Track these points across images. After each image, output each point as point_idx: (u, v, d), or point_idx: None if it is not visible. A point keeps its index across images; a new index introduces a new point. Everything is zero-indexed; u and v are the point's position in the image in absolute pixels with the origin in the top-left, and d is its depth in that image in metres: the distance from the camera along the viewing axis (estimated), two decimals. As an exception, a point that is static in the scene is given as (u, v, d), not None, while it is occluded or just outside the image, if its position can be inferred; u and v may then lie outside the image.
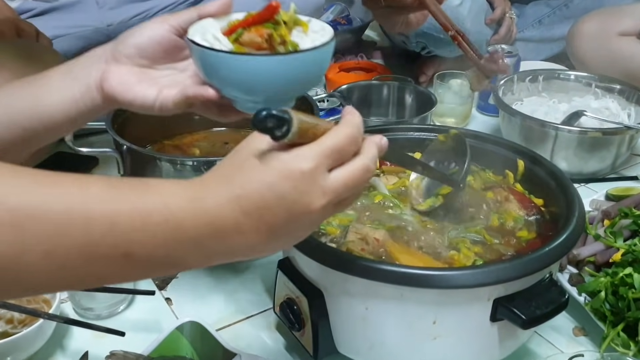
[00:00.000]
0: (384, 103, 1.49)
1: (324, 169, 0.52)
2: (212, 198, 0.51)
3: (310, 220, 0.53)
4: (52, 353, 0.85)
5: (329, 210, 0.54)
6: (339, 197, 0.53)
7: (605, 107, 1.37)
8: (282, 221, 0.52)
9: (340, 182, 0.53)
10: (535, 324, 0.71)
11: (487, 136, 0.97)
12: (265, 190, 0.51)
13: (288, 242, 0.56)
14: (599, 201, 1.10)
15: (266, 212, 0.51)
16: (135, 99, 0.69)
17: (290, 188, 0.51)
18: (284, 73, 0.62)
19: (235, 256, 0.54)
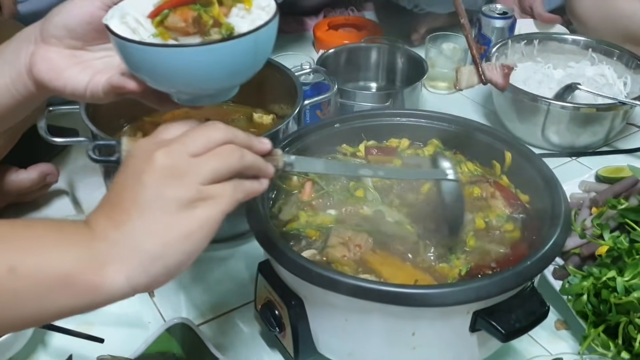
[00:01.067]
0: (373, 67, 1.44)
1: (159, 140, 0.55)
2: (91, 216, 0.54)
3: (169, 174, 0.52)
4: (32, 352, 0.85)
5: (185, 160, 0.53)
6: (184, 144, 0.53)
7: (601, 74, 1.33)
8: (137, 187, 0.52)
9: (178, 133, 0.55)
10: (514, 337, 0.70)
11: (476, 125, 0.94)
12: (121, 178, 0.54)
13: (169, 215, 0.52)
14: (588, 183, 1.08)
15: (122, 189, 0.53)
16: (66, 86, 0.65)
17: (130, 161, 0.54)
18: (212, 64, 0.57)
19: (137, 248, 0.51)
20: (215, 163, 0.53)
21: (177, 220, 0.52)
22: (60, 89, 0.65)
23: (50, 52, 0.64)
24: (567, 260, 0.92)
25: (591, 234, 0.91)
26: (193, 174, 0.52)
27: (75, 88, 0.65)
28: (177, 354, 0.81)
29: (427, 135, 0.96)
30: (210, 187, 0.53)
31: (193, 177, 0.52)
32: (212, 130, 0.54)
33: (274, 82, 1.11)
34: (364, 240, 0.78)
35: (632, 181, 1.00)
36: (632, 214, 0.88)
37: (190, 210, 0.52)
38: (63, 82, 0.64)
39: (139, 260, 0.51)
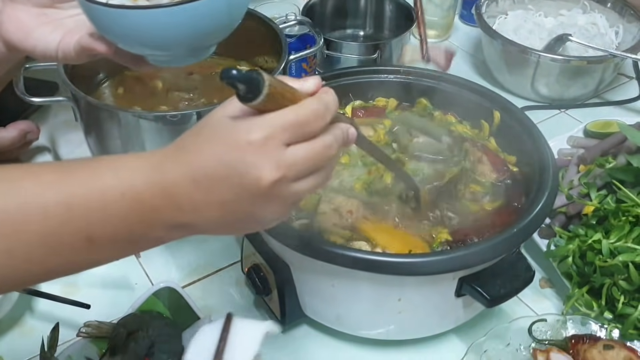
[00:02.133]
0: (360, 14, 1.40)
1: (278, 141, 0.47)
2: (169, 169, 0.49)
3: (266, 197, 0.49)
4: (19, 317, 0.85)
5: (287, 189, 0.49)
6: (296, 174, 0.49)
7: (592, 23, 1.30)
8: (233, 196, 0.48)
9: (297, 156, 0.48)
10: (500, 302, 0.71)
11: (464, 82, 0.92)
12: (215, 162, 0.48)
13: (250, 223, 0.53)
14: (577, 138, 1.07)
15: (216, 185, 0.48)
16: (36, 47, 0.63)
17: (238, 159, 0.47)
18: (183, 26, 0.56)
19: (196, 230, 0.52)
20: (307, 191, 0.52)
21: (250, 228, 0.54)
22: (30, 50, 0.63)
23: (18, 10, 0.61)
24: (553, 219, 0.92)
25: (578, 193, 0.91)
26: (291, 202, 0.51)
27: (46, 49, 0.62)
28: (163, 314, 0.81)
29: (415, 93, 0.94)
30: (296, 202, 0.53)
31: (287, 205, 0.51)
32: (326, 155, 0.51)
33: (258, 34, 1.07)
34: (355, 206, 0.77)
35: (620, 137, 0.99)
36: (619, 174, 0.88)
37: (265, 222, 0.53)
38: (33, 43, 0.62)
39: (195, 234, 0.52)
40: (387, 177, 0.81)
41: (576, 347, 0.76)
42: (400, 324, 0.75)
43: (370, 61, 1.23)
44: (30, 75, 0.97)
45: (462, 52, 1.42)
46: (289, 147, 0.48)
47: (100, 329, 0.78)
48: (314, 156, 0.50)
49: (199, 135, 0.49)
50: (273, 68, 0.98)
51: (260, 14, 1.08)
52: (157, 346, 0.75)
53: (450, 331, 0.81)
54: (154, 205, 0.48)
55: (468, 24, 1.49)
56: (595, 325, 0.79)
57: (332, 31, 1.37)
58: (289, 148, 0.48)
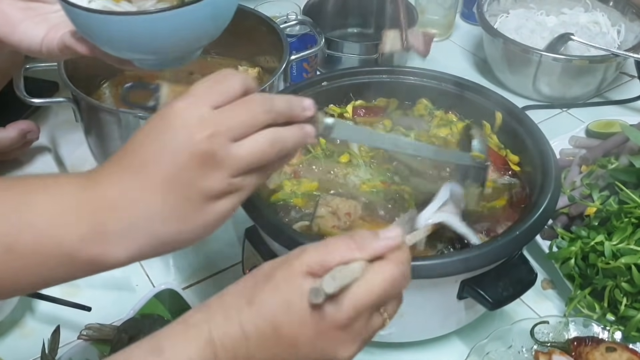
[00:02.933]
0: (363, 13, 1.40)
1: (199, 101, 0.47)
2: (102, 172, 0.48)
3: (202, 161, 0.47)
4: (20, 318, 0.84)
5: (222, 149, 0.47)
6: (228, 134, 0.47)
7: (594, 22, 1.30)
8: (168, 168, 0.47)
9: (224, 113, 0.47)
10: (502, 305, 0.71)
11: (466, 83, 0.91)
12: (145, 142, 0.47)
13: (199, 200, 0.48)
14: (579, 138, 1.07)
15: (150, 164, 0.47)
16: (22, 41, 0.62)
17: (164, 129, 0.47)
18: (165, 31, 0.55)
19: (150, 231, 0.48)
20: (253, 156, 0.49)
21: (199, 211, 0.49)
22: (16, 44, 0.63)
23: (4, 3, 0.61)
24: (555, 219, 0.91)
25: (580, 193, 0.91)
26: (229, 166, 0.48)
27: (31, 44, 0.62)
28: (164, 317, 0.81)
29: (416, 94, 0.94)
30: (239, 180, 0.49)
31: (228, 170, 0.48)
32: (259, 110, 0.49)
33: (259, 34, 1.07)
34: (353, 208, 0.77)
35: (622, 138, 0.98)
36: (621, 175, 0.88)
37: (214, 203, 0.49)
38: (18, 37, 0.62)
39: (149, 243, 0.48)
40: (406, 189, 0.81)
41: (578, 349, 0.76)
42: (402, 326, 0.75)
43: (372, 61, 1.23)
44: (31, 75, 0.97)
45: (463, 50, 1.42)
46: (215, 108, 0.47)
47: (101, 332, 0.78)
48: (243, 110, 0.48)
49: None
50: (274, 68, 0.97)
51: (261, 14, 1.07)
52: (159, 349, 0.75)
53: (452, 333, 0.81)
54: None
55: (469, 22, 1.48)
56: (597, 327, 0.78)
57: (333, 30, 1.37)
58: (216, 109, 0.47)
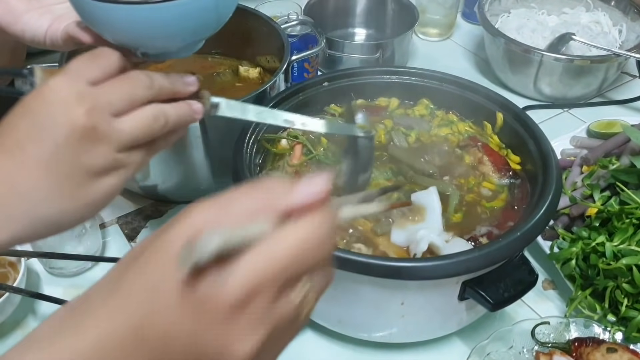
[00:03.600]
0: (363, 13, 1.40)
1: (76, 77, 0.46)
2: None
3: (82, 136, 0.45)
4: (22, 319, 0.85)
5: (106, 120, 0.46)
6: (108, 108, 0.46)
7: (595, 22, 1.30)
8: (47, 146, 0.45)
9: (103, 88, 0.47)
10: (503, 306, 0.71)
11: (467, 83, 0.91)
12: (20, 121, 0.46)
13: (81, 177, 0.47)
14: (580, 138, 1.06)
15: (27, 142, 0.45)
16: (25, 31, 0.62)
17: (40, 105, 0.46)
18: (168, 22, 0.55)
19: (31, 213, 0.47)
20: (137, 130, 0.48)
21: (83, 189, 0.47)
22: (19, 34, 0.62)
23: None
24: (556, 220, 0.91)
25: (581, 194, 0.91)
26: (112, 140, 0.47)
27: (35, 34, 0.62)
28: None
29: (417, 94, 0.94)
30: (124, 156, 0.49)
31: (111, 144, 0.47)
32: (139, 85, 0.49)
33: (260, 34, 1.07)
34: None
35: (624, 138, 0.98)
36: (622, 175, 0.88)
37: (98, 180, 0.48)
38: (21, 27, 0.62)
39: (30, 224, 0.47)
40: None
41: (579, 349, 0.76)
42: (403, 327, 0.75)
43: (372, 60, 1.23)
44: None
45: (464, 50, 1.41)
46: (94, 84, 0.47)
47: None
48: (122, 85, 0.48)
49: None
50: (275, 68, 0.97)
51: (262, 14, 1.07)
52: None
53: (453, 334, 0.81)
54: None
55: (470, 22, 1.48)
56: (598, 328, 0.78)
57: (334, 30, 1.37)
58: (95, 85, 0.47)
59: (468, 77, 0.94)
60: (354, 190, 0.74)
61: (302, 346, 0.82)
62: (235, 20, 1.08)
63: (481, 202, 0.80)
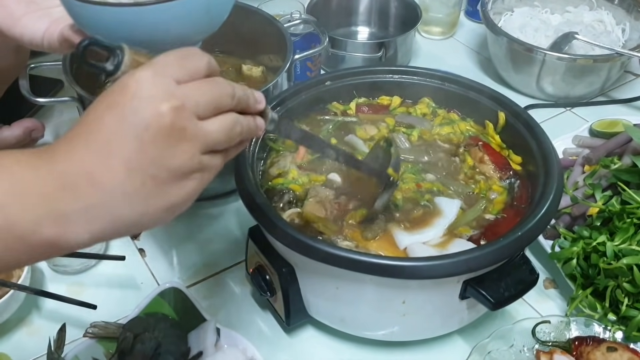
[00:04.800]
0: (365, 12, 1.40)
1: (164, 74, 0.45)
2: (58, 155, 0.45)
3: (170, 133, 0.44)
4: (26, 316, 0.85)
5: (192, 124, 0.45)
6: (196, 104, 0.46)
7: (599, 20, 1.30)
8: (136, 148, 0.44)
9: (191, 87, 0.46)
10: (504, 305, 0.71)
11: (470, 83, 0.91)
12: (105, 115, 0.44)
13: (165, 183, 0.46)
14: (582, 137, 1.07)
15: (113, 140, 0.44)
16: (24, 34, 0.63)
17: (129, 98, 0.44)
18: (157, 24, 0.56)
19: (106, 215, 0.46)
20: (220, 134, 0.48)
21: (166, 191, 0.47)
22: (18, 37, 0.63)
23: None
24: (557, 219, 0.92)
25: (583, 193, 0.91)
26: (198, 142, 0.47)
27: (33, 37, 0.63)
28: (168, 315, 0.82)
29: (419, 93, 0.94)
30: (208, 158, 0.48)
31: (197, 146, 0.47)
32: (225, 93, 0.49)
33: (263, 33, 1.07)
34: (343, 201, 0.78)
35: (626, 137, 0.99)
36: (624, 175, 0.88)
37: (182, 182, 0.47)
38: (20, 31, 0.62)
39: (111, 224, 0.46)
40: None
41: (579, 348, 0.76)
42: (404, 325, 0.76)
43: (375, 59, 1.23)
44: (35, 73, 0.97)
45: (467, 49, 1.42)
46: (180, 84, 0.46)
47: (106, 330, 0.78)
48: (210, 88, 0.47)
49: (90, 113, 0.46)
50: (278, 67, 0.98)
51: (265, 13, 1.07)
52: (164, 347, 0.76)
53: (454, 332, 0.82)
54: (49, 196, 0.44)
55: (473, 20, 1.48)
56: (598, 327, 0.79)
57: (337, 28, 1.37)
58: (181, 84, 0.46)
59: (470, 75, 0.94)
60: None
61: (305, 344, 0.82)
62: (238, 19, 1.09)
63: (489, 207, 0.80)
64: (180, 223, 0.98)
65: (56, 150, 0.45)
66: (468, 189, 0.82)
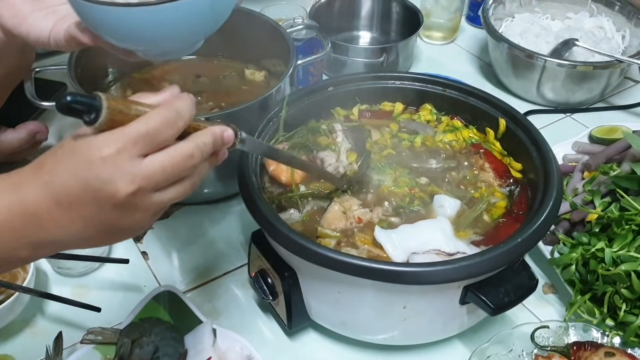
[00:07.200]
0: (368, 16, 1.41)
1: (130, 154, 0.48)
2: (29, 189, 0.50)
3: (125, 210, 0.50)
4: (31, 318, 0.86)
5: (147, 200, 0.50)
6: (155, 184, 0.50)
7: (599, 27, 1.31)
8: (92, 211, 0.50)
9: (153, 168, 0.49)
10: (503, 310, 0.72)
11: (471, 89, 0.92)
12: (72, 180, 0.49)
13: (116, 234, 0.54)
14: (582, 143, 1.07)
15: (75, 202, 0.49)
16: (30, 32, 0.64)
17: (93, 176, 0.48)
18: (164, 23, 0.58)
19: (63, 246, 0.54)
20: (174, 200, 0.53)
21: (123, 235, 0.55)
22: (25, 36, 0.64)
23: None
24: (557, 225, 0.92)
25: (582, 199, 0.92)
26: (154, 211, 0.52)
27: (39, 35, 0.63)
28: (164, 319, 0.82)
29: (420, 99, 0.95)
30: (160, 211, 0.54)
31: (150, 212, 0.52)
32: (187, 164, 0.52)
33: (266, 38, 1.08)
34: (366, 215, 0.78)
35: (625, 144, 0.99)
36: (623, 181, 0.89)
37: (131, 231, 0.54)
38: (26, 29, 0.63)
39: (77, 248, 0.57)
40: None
41: (578, 353, 0.77)
42: (405, 330, 0.76)
43: (377, 64, 1.24)
44: (39, 76, 0.98)
45: (468, 54, 1.42)
46: (144, 159, 0.49)
47: (103, 335, 0.79)
48: (172, 166, 0.50)
49: (56, 155, 0.51)
50: (281, 72, 0.99)
51: (267, 18, 1.08)
52: (161, 350, 0.76)
53: (454, 337, 0.82)
54: (15, 226, 0.50)
55: (475, 25, 1.49)
56: (597, 332, 0.80)
57: (339, 33, 1.38)
58: (145, 160, 0.49)
59: (471, 81, 0.95)
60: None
61: (306, 347, 0.83)
62: (241, 23, 1.10)
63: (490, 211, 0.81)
64: (183, 226, 0.99)
65: (25, 182, 0.51)
66: (469, 194, 0.82)
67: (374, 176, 0.84)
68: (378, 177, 0.84)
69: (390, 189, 0.82)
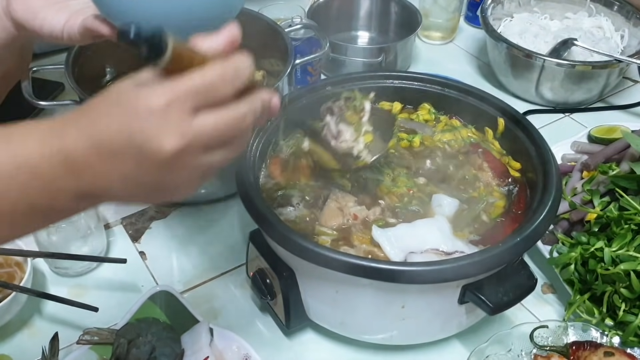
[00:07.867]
0: (366, 17, 1.41)
1: (182, 108, 0.44)
2: (69, 133, 0.46)
3: (170, 168, 0.45)
4: (28, 318, 0.86)
5: (194, 160, 0.46)
6: (206, 143, 0.45)
7: (598, 27, 1.31)
8: (133, 168, 0.45)
9: (205, 126, 0.45)
10: (502, 310, 0.72)
11: (469, 89, 0.92)
12: (116, 131, 0.44)
13: (159, 193, 0.49)
14: (580, 143, 1.07)
15: (116, 156, 0.45)
16: (43, 26, 0.64)
17: (138, 129, 0.44)
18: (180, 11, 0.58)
19: (105, 199, 0.49)
20: (222, 161, 0.48)
21: (159, 195, 0.50)
22: (37, 30, 0.64)
23: None
24: (556, 225, 0.92)
25: (581, 199, 0.92)
26: (201, 173, 0.48)
27: (52, 29, 0.63)
28: (160, 319, 0.82)
29: (419, 98, 0.95)
30: (205, 176, 0.49)
31: (200, 175, 0.48)
32: (241, 125, 0.48)
33: (264, 38, 1.08)
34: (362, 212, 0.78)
35: (624, 143, 0.99)
36: (622, 181, 0.88)
37: (177, 191, 0.49)
38: (39, 23, 0.63)
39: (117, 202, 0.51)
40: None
41: (577, 353, 0.77)
42: (403, 329, 0.76)
43: (375, 64, 1.24)
44: (37, 75, 0.98)
45: (466, 54, 1.42)
46: (196, 115, 0.45)
47: (100, 336, 0.78)
48: (225, 126, 0.46)
49: (103, 102, 0.46)
50: (279, 71, 0.98)
51: (266, 18, 1.08)
52: (158, 350, 0.76)
53: (452, 336, 0.82)
54: (54, 174, 0.46)
55: (473, 25, 1.49)
56: (596, 332, 0.79)
57: (337, 33, 1.38)
58: (197, 116, 0.45)
59: (470, 81, 0.95)
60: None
61: (305, 347, 0.83)
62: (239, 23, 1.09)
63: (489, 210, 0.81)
64: (181, 226, 0.99)
65: (72, 126, 0.46)
66: (467, 194, 0.82)
67: (372, 175, 0.84)
68: (376, 176, 0.84)
69: (388, 189, 0.82)
